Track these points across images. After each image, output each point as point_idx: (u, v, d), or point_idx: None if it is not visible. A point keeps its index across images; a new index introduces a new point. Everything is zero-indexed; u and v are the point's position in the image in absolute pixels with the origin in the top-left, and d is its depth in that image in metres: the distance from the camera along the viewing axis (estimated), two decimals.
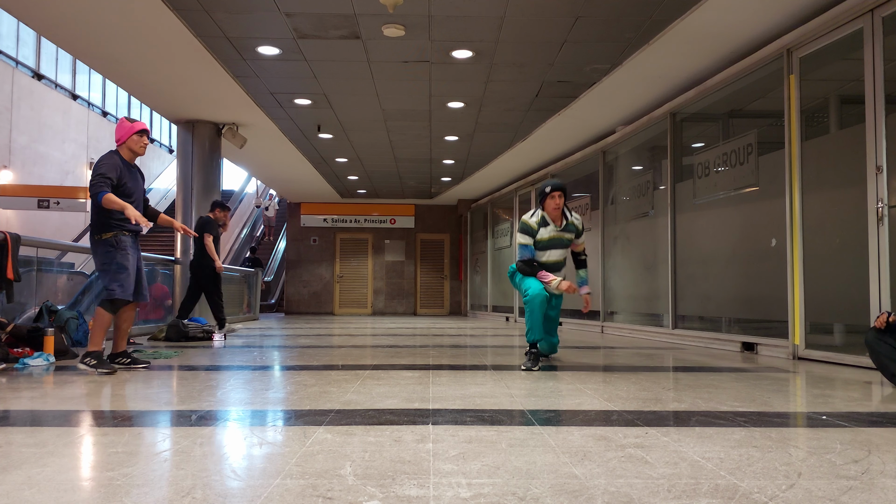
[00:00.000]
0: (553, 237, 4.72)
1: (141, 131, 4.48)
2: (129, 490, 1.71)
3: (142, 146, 4.50)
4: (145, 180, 4.71)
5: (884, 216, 4.43)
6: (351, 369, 4.44)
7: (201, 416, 2.76)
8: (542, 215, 4.72)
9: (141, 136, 4.48)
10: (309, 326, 10.20)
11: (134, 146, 4.48)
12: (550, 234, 4.70)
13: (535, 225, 4.70)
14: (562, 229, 4.74)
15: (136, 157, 4.53)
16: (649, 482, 1.81)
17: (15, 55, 13.82)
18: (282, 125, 9.09)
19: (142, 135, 4.49)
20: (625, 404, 3.08)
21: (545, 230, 4.70)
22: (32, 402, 3.13)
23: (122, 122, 4.52)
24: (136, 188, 4.50)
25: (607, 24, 5.59)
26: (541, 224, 4.71)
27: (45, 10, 5.53)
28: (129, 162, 4.49)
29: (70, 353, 5.16)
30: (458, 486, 1.77)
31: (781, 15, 5.30)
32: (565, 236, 4.76)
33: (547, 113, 8.32)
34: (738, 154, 6.11)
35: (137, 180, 4.55)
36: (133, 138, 4.47)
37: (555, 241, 4.73)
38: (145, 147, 4.52)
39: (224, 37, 5.95)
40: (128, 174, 4.43)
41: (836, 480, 1.84)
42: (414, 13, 5.42)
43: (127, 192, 4.41)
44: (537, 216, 4.73)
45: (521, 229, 4.72)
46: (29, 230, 12.11)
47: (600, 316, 9.12)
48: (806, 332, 5.20)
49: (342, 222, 16.64)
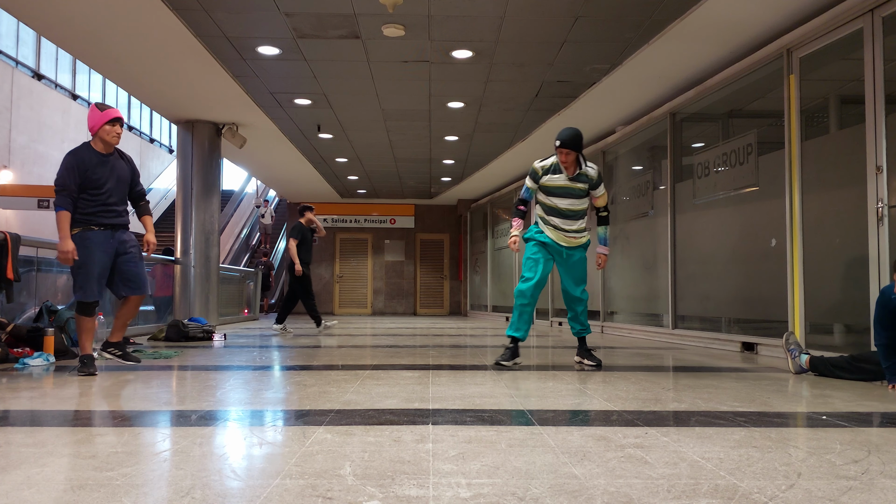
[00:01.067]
0: (562, 186, 4.54)
1: (112, 120, 4.18)
2: (128, 490, 1.70)
3: (114, 136, 4.20)
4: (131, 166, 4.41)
5: (884, 216, 4.43)
6: (350, 369, 4.43)
7: (201, 416, 2.76)
8: (555, 163, 4.55)
9: (113, 125, 4.18)
10: (309, 326, 10.20)
11: (106, 136, 4.19)
12: (558, 182, 4.53)
13: (539, 170, 4.56)
14: (573, 178, 4.53)
15: (110, 146, 4.24)
16: (649, 482, 1.81)
17: (15, 55, 13.82)
18: (281, 125, 9.09)
19: (114, 123, 4.19)
20: (625, 404, 3.08)
21: (554, 177, 4.53)
22: (32, 402, 3.12)
23: (93, 109, 4.21)
24: (108, 177, 4.19)
25: (607, 24, 5.59)
26: (549, 171, 4.55)
27: (45, 10, 5.52)
28: (102, 153, 4.21)
29: (70, 353, 5.16)
30: (457, 486, 1.77)
31: (781, 15, 5.30)
32: (577, 185, 4.54)
33: (547, 113, 8.32)
34: (737, 154, 6.11)
35: (113, 170, 4.24)
36: (105, 128, 4.18)
37: (564, 190, 4.54)
38: (119, 136, 4.23)
39: (224, 36, 5.95)
40: (98, 166, 4.16)
41: (836, 480, 1.84)
42: (414, 13, 5.42)
43: (95, 184, 4.14)
44: (548, 162, 4.56)
45: (529, 173, 4.65)
46: (29, 230, 12.11)
47: (600, 316, 9.12)
48: (806, 332, 5.20)
49: (342, 222, 16.64)
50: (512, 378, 4.03)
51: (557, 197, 4.55)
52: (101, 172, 4.18)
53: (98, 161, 4.18)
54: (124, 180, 4.33)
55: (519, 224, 4.70)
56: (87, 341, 4.23)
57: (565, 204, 4.55)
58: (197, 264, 9.17)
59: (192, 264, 9.14)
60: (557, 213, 4.57)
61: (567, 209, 4.56)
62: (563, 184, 4.52)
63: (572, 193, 4.54)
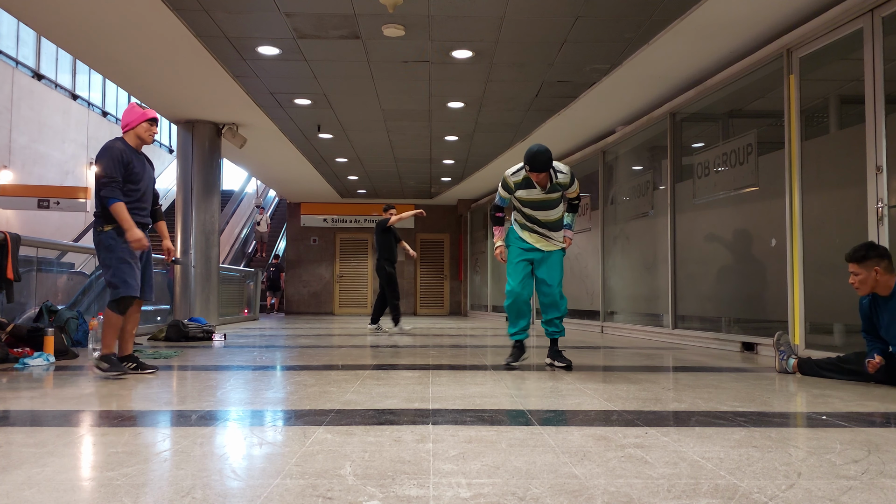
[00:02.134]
0: (537, 200, 4.48)
1: (152, 119, 4.25)
2: (129, 490, 1.70)
3: (150, 135, 4.27)
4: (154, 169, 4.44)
5: (884, 216, 4.43)
6: (351, 369, 4.44)
7: (201, 416, 2.76)
8: (526, 177, 4.42)
9: (151, 124, 4.26)
10: (309, 326, 10.20)
11: (143, 134, 4.23)
12: (534, 197, 4.47)
13: (512, 185, 4.49)
14: (548, 191, 4.46)
15: (143, 144, 4.29)
16: (649, 482, 1.81)
17: (15, 55, 13.82)
18: (282, 125, 9.09)
19: (152, 123, 4.26)
20: (625, 404, 3.08)
21: (529, 192, 4.46)
22: (32, 402, 3.12)
23: (133, 107, 4.27)
24: (143, 175, 4.23)
25: (607, 24, 5.59)
26: (522, 185, 4.46)
27: (45, 10, 5.52)
28: (135, 149, 4.24)
29: (70, 353, 5.16)
30: (457, 486, 1.77)
31: (781, 15, 5.30)
32: (552, 196, 4.49)
33: (547, 113, 8.32)
34: (737, 154, 6.11)
35: (146, 167, 4.28)
36: (143, 126, 4.23)
37: (540, 204, 4.50)
38: (153, 137, 4.31)
39: (224, 37, 5.95)
40: (136, 162, 4.18)
41: (836, 480, 1.84)
42: (414, 13, 5.42)
43: (134, 178, 4.15)
44: (520, 176, 4.44)
45: (501, 183, 4.57)
46: (29, 230, 12.11)
47: (600, 316, 9.12)
48: (806, 332, 5.20)
49: (342, 222, 16.64)
50: (512, 378, 4.03)
51: (534, 209, 4.53)
52: (139, 168, 4.19)
53: (135, 156, 4.19)
54: (153, 180, 4.36)
55: (500, 232, 4.70)
56: (112, 339, 4.09)
57: (543, 216, 4.54)
58: (197, 264, 9.17)
59: (192, 264, 9.14)
60: (535, 221, 4.58)
61: (545, 220, 4.55)
62: (538, 198, 4.48)
63: (548, 205, 4.52)
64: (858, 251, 3.73)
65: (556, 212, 4.57)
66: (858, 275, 3.72)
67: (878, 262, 3.66)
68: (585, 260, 9.69)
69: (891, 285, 3.66)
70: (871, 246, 3.72)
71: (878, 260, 3.66)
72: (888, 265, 3.66)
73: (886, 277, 3.66)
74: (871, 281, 3.69)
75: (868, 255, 3.69)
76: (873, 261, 3.67)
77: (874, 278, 3.67)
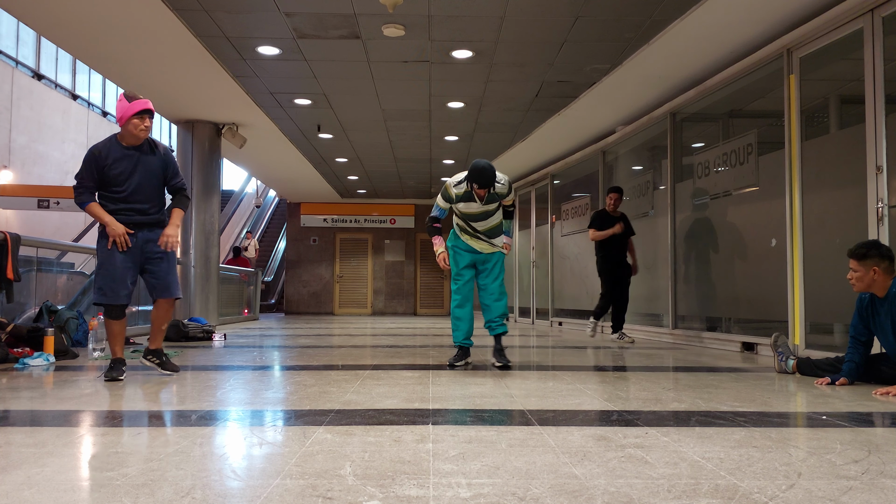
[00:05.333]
0: (476, 213, 4.58)
1: (141, 112, 3.83)
2: (128, 490, 1.70)
3: (142, 129, 3.86)
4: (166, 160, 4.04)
5: (884, 216, 4.43)
6: (351, 369, 4.43)
7: (201, 416, 2.76)
8: (467, 190, 4.49)
9: (141, 117, 3.84)
10: (309, 326, 10.20)
11: (133, 130, 3.85)
12: (473, 210, 4.56)
13: (454, 196, 4.57)
14: (486, 202, 4.54)
15: (138, 141, 3.91)
16: (649, 482, 1.81)
17: (15, 55, 13.82)
18: (282, 125, 9.09)
19: (142, 116, 3.84)
20: (625, 404, 3.08)
21: (469, 205, 4.55)
22: (32, 402, 3.12)
23: (121, 100, 3.87)
24: (131, 173, 3.89)
25: (607, 24, 5.59)
26: (462, 198, 4.54)
27: (45, 10, 5.52)
28: (127, 147, 3.91)
29: (70, 353, 5.16)
30: (457, 486, 1.76)
31: (781, 15, 5.30)
32: (490, 207, 4.59)
33: (547, 113, 8.32)
34: (738, 154, 6.11)
35: (139, 164, 3.92)
36: (132, 121, 3.83)
37: (479, 216, 4.60)
38: (147, 130, 3.89)
39: (224, 37, 5.95)
40: (120, 161, 3.87)
41: (836, 480, 1.84)
42: (414, 13, 5.42)
43: (115, 181, 3.87)
44: (462, 188, 4.50)
45: (442, 193, 4.64)
46: (29, 230, 12.11)
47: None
48: (806, 332, 5.20)
49: (342, 222, 16.64)
50: (512, 378, 4.03)
51: (473, 220, 4.65)
52: (123, 167, 3.88)
53: (121, 155, 3.88)
54: (154, 175, 4.00)
55: (440, 240, 4.79)
56: (116, 345, 4.00)
57: (481, 225, 4.66)
58: (197, 264, 9.17)
59: (192, 264, 9.14)
60: (475, 230, 4.69)
61: (484, 230, 4.68)
62: (477, 210, 4.59)
63: (487, 215, 4.63)
64: (860, 248, 3.72)
65: (495, 219, 4.69)
66: (857, 272, 3.72)
67: (879, 262, 3.65)
68: (585, 260, 9.68)
69: (887, 287, 3.66)
70: (874, 245, 3.71)
71: (878, 260, 3.65)
72: (888, 266, 3.65)
73: (884, 279, 3.65)
74: (867, 280, 3.68)
75: (868, 254, 3.68)
76: (873, 260, 3.66)
77: (871, 277, 3.67)
